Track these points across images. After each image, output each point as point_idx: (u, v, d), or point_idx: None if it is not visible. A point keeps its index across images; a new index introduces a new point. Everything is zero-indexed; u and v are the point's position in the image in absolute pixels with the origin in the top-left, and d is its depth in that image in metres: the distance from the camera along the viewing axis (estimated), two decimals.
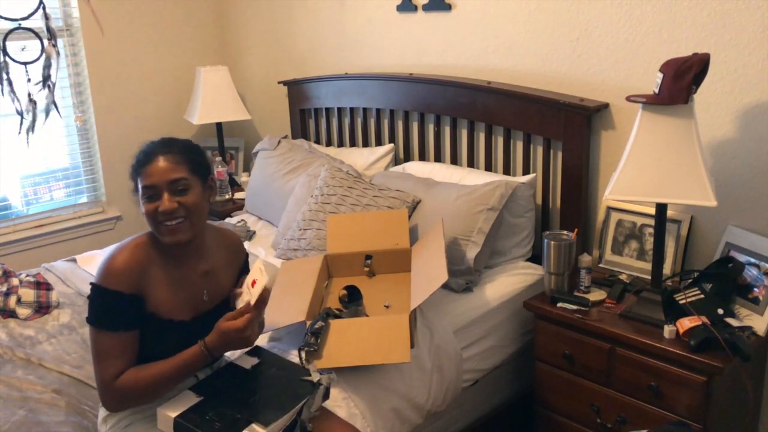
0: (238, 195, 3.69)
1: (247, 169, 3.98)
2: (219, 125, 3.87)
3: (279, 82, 3.71)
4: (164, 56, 3.90)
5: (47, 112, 3.31)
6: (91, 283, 1.64)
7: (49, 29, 3.23)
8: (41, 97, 3.29)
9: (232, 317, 1.66)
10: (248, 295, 1.70)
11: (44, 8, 3.22)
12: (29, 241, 3.52)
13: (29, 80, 3.25)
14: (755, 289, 2.10)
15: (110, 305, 1.61)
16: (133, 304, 1.62)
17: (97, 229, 3.74)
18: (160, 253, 1.70)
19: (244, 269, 1.91)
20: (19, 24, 3.23)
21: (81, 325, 2.38)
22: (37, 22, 3.26)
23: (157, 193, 1.63)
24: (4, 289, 2.45)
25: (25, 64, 3.24)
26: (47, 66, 3.26)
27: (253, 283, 1.70)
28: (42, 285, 2.51)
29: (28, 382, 2.06)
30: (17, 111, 3.23)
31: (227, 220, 3.35)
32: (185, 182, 1.65)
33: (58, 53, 3.29)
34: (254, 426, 1.60)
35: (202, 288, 1.75)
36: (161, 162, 1.64)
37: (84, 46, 3.56)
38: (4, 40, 3.20)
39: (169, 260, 1.71)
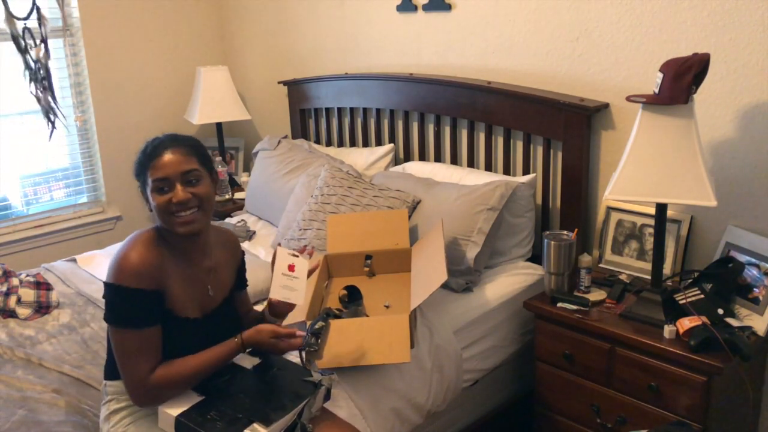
0: (238, 195, 3.69)
1: (247, 169, 3.98)
2: (219, 125, 3.87)
3: (279, 82, 3.71)
4: (164, 56, 3.90)
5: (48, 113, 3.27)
6: (107, 283, 1.62)
7: (41, 31, 3.18)
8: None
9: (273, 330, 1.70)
10: (290, 281, 1.72)
11: (38, 9, 3.17)
12: (29, 241, 3.51)
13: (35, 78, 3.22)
14: (755, 289, 2.10)
15: (132, 303, 1.60)
16: (154, 300, 1.62)
17: (97, 229, 3.74)
18: (167, 249, 1.70)
19: (242, 267, 1.93)
20: (24, 24, 3.20)
21: (81, 325, 2.38)
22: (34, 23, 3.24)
23: (170, 185, 1.64)
24: (4, 289, 2.45)
25: (36, 62, 3.21)
26: (39, 68, 3.22)
27: (291, 267, 1.71)
28: (42, 285, 2.51)
29: (28, 382, 2.06)
30: (43, 109, 3.19)
31: (227, 220, 3.35)
32: (197, 173, 1.67)
33: (48, 56, 3.22)
34: (255, 425, 1.60)
35: (207, 284, 1.76)
36: (173, 154, 1.65)
37: (84, 46, 3.56)
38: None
39: (177, 256, 1.71)
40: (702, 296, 2.06)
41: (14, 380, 2.06)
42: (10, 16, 3.05)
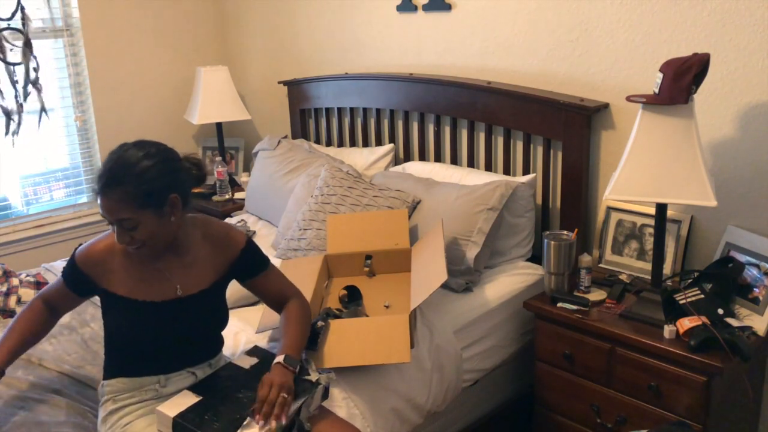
0: (238, 195, 3.69)
1: (247, 169, 3.98)
2: (219, 125, 3.87)
3: (279, 82, 3.71)
4: (164, 56, 3.90)
5: (39, 114, 3.20)
6: (76, 247, 1.82)
7: (24, 32, 3.11)
8: (31, 98, 3.21)
9: None
10: None
11: (22, 9, 3.10)
12: (29, 241, 3.51)
13: (16, 81, 3.18)
14: (755, 289, 2.10)
15: (70, 269, 1.81)
16: (82, 279, 1.78)
17: (97, 229, 3.73)
18: None
19: (243, 258, 1.86)
20: (8, 24, 3.16)
21: (81, 325, 2.38)
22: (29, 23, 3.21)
23: (111, 223, 1.67)
24: (4, 289, 2.45)
25: (12, 65, 3.16)
26: (27, 69, 3.18)
27: None
28: (42, 285, 2.51)
29: (28, 382, 2.05)
30: (4, 112, 3.16)
31: (227, 220, 3.35)
32: (131, 221, 1.63)
33: (33, 56, 3.17)
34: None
35: (176, 282, 1.77)
36: (105, 201, 1.63)
37: (84, 46, 3.56)
38: None
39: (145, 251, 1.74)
40: (702, 296, 2.05)
41: (14, 380, 2.05)
42: None
